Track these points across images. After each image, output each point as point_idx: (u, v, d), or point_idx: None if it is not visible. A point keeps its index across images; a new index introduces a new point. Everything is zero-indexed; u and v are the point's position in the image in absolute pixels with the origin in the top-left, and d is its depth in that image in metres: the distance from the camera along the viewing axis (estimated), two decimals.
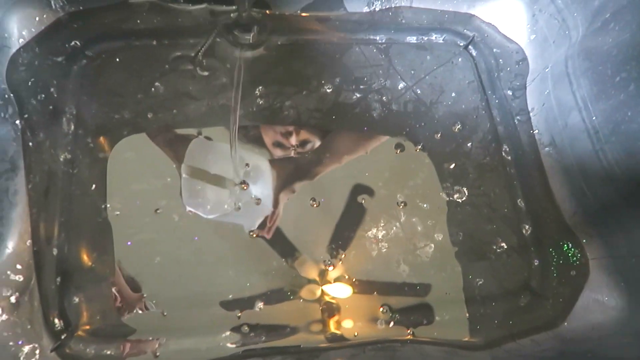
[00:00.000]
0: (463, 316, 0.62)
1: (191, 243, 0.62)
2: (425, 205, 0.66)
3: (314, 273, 0.62)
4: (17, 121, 0.59)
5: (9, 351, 0.53)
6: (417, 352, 0.59)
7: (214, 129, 0.69)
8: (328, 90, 0.73)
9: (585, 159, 0.61)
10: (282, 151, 0.69)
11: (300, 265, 0.63)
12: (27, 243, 0.57)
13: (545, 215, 0.66)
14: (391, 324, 0.60)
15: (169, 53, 0.73)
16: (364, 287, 0.62)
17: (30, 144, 0.60)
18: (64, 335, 0.56)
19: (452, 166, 0.69)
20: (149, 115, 0.68)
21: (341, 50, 0.77)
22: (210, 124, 0.69)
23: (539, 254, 0.65)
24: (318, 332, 0.60)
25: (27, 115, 0.61)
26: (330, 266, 0.62)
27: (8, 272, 0.55)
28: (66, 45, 0.69)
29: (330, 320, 0.60)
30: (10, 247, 0.56)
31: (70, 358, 0.55)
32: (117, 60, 0.72)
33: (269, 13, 0.73)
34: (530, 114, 0.71)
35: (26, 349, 0.53)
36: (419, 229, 0.65)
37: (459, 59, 0.78)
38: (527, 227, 0.66)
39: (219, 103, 0.70)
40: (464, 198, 0.67)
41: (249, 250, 0.63)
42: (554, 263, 0.64)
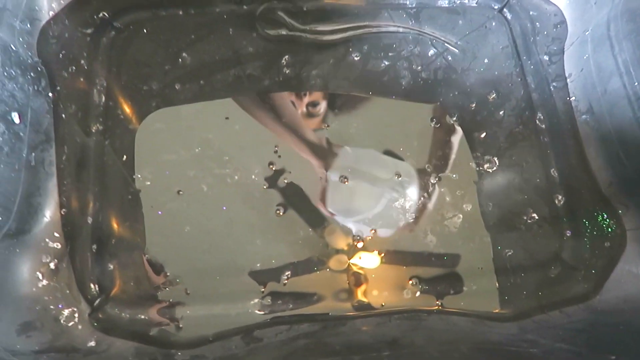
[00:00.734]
0: (491, 287, 0.62)
1: (220, 213, 0.63)
2: (454, 175, 0.65)
3: (342, 243, 0.63)
4: (50, 93, 0.60)
5: (50, 314, 0.55)
6: (444, 322, 0.59)
7: (240, 100, 0.69)
8: (356, 58, 0.71)
9: (624, 127, 0.58)
10: (313, 123, 0.68)
11: (329, 235, 0.63)
12: (63, 212, 0.59)
13: (579, 185, 0.64)
14: (417, 294, 0.61)
15: (195, 22, 0.73)
16: (391, 258, 0.62)
17: (63, 115, 0.62)
18: (100, 299, 0.59)
19: (483, 135, 0.67)
20: (176, 86, 0.69)
21: (369, 16, 0.74)
22: (237, 94, 0.69)
23: (572, 224, 0.63)
24: (345, 301, 0.61)
25: (59, 88, 0.62)
26: (358, 237, 0.63)
27: (47, 240, 0.57)
28: (94, 16, 0.70)
29: (357, 290, 0.61)
30: (47, 216, 0.58)
31: (107, 321, 0.58)
32: (145, 31, 0.72)
33: None
34: (568, 80, 0.68)
35: (66, 312, 0.56)
36: (447, 199, 0.64)
37: (493, 23, 0.75)
38: (560, 198, 0.64)
39: (245, 73, 0.70)
40: (494, 168, 0.66)
41: (277, 220, 0.63)
42: (587, 234, 0.63)
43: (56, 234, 0.58)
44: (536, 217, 0.64)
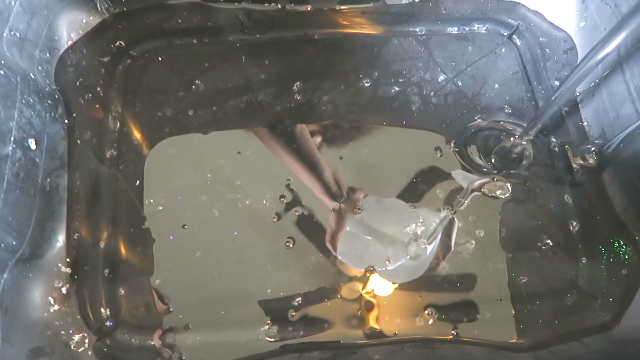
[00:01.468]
0: (506, 315, 0.60)
1: (231, 238, 0.63)
2: (465, 200, 0.65)
3: (354, 271, 0.62)
4: (66, 120, 0.62)
5: (60, 339, 0.55)
6: (458, 351, 0.58)
7: (253, 128, 0.69)
8: (366, 84, 0.72)
9: (638, 153, 0.58)
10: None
11: (341, 263, 0.62)
12: (76, 236, 0.60)
13: (594, 211, 0.63)
14: (430, 322, 0.59)
15: (209, 51, 0.74)
16: (402, 284, 0.62)
17: (78, 141, 0.63)
18: (110, 325, 0.58)
19: (495, 160, 0.67)
20: (190, 113, 0.70)
21: (379, 43, 0.76)
22: (249, 120, 0.70)
23: (587, 251, 0.62)
24: (356, 329, 0.60)
25: (75, 114, 0.63)
26: (371, 268, 0.62)
27: (59, 265, 0.58)
28: (111, 45, 0.72)
29: (369, 317, 0.60)
30: (60, 241, 0.58)
31: (116, 348, 0.57)
32: (160, 59, 0.74)
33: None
34: (579, 105, 0.68)
35: (76, 337, 0.56)
36: (460, 225, 0.64)
37: (503, 49, 0.75)
38: (575, 224, 0.63)
39: (257, 99, 0.71)
40: (507, 194, 0.65)
41: (293, 238, 0.63)
42: (603, 261, 0.61)
43: (68, 259, 0.59)
44: (551, 244, 0.63)
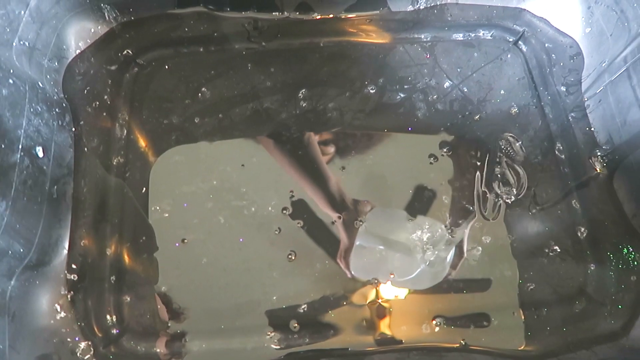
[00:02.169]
0: (514, 322, 0.60)
1: (237, 245, 0.63)
2: (471, 207, 0.65)
3: (360, 277, 0.62)
4: (73, 128, 0.62)
5: (67, 347, 0.55)
6: (465, 359, 0.57)
7: (259, 136, 0.70)
8: (371, 91, 0.72)
9: None
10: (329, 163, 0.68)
11: (346, 269, 0.62)
12: (82, 244, 0.60)
13: (602, 216, 0.63)
14: (437, 329, 0.59)
15: (215, 59, 0.75)
16: (411, 293, 0.61)
17: (85, 149, 0.64)
18: (116, 332, 0.58)
19: (501, 166, 0.67)
20: (196, 120, 0.70)
21: (385, 50, 0.76)
22: (254, 127, 0.70)
23: (596, 257, 0.62)
24: (363, 336, 0.59)
25: (83, 122, 0.64)
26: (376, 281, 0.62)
27: (66, 272, 0.58)
28: (119, 54, 0.73)
29: (376, 324, 0.60)
30: (67, 248, 0.59)
31: (122, 355, 0.57)
32: (166, 67, 0.74)
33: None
34: (587, 111, 0.68)
35: (82, 345, 0.56)
36: (466, 231, 0.63)
37: (508, 55, 0.75)
38: (583, 230, 0.63)
39: (263, 106, 0.71)
40: (513, 199, 0.65)
41: (296, 248, 0.63)
42: (612, 268, 0.61)
43: (74, 266, 0.59)
44: (558, 250, 0.62)
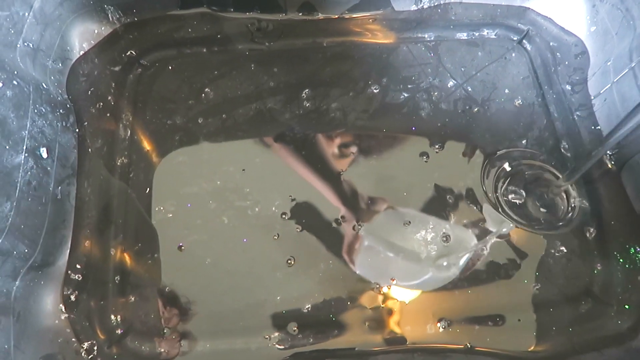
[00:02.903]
0: (519, 323, 0.59)
1: (240, 245, 0.63)
2: (476, 207, 0.64)
3: (365, 278, 0.62)
4: (77, 129, 0.62)
5: (71, 347, 0.56)
6: None
7: (262, 136, 0.70)
8: (375, 91, 0.72)
9: None
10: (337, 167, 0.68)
11: (352, 270, 0.62)
12: (86, 244, 0.60)
13: (608, 216, 0.62)
14: (441, 330, 0.59)
15: (218, 59, 0.75)
16: (414, 293, 0.61)
17: (89, 150, 0.64)
18: (120, 332, 0.59)
19: (506, 165, 0.66)
20: (199, 120, 0.70)
21: (388, 50, 0.75)
22: (258, 127, 0.70)
23: (603, 258, 0.61)
24: (368, 337, 0.59)
25: (87, 123, 0.64)
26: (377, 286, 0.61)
27: (69, 272, 0.58)
28: (122, 55, 0.73)
29: (381, 325, 0.59)
30: (71, 248, 0.59)
31: (126, 355, 0.57)
32: (170, 68, 0.74)
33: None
34: (593, 109, 0.67)
35: (86, 345, 0.56)
36: (471, 231, 0.63)
37: (513, 54, 0.75)
38: (590, 229, 0.62)
39: (266, 107, 0.71)
40: (520, 199, 0.64)
41: (298, 252, 0.63)
42: (618, 267, 0.60)
43: (78, 266, 0.59)
44: (564, 250, 0.62)
